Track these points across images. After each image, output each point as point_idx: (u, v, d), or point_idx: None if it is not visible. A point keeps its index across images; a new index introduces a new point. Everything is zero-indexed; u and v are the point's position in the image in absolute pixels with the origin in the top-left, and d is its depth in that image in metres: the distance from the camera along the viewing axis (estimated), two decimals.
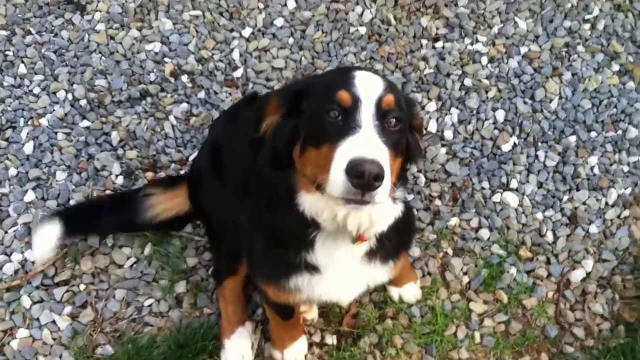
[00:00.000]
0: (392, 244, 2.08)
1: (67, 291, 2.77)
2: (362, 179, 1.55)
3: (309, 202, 1.81)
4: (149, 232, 2.84)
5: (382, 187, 1.59)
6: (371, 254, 2.05)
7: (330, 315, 2.73)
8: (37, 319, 2.72)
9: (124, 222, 2.76)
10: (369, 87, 1.73)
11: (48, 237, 2.60)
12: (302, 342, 2.63)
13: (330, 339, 2.69)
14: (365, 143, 1.63)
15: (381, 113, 1.70)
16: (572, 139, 3.18)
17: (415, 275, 2.78)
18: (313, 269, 2.01)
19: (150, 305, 2.75)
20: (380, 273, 2.14)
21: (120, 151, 3.08)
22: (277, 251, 2.05)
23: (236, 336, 2.60)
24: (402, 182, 1.92)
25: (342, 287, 2.11)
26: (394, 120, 1.74)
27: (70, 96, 3.23)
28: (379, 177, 1.56)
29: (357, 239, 1.91)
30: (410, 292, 2.75)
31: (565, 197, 3.04)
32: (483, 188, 3.06)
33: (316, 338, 2.70)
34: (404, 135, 1.81)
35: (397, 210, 1.91)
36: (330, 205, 1.78)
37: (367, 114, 1.68)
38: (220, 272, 2.67)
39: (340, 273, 2.04)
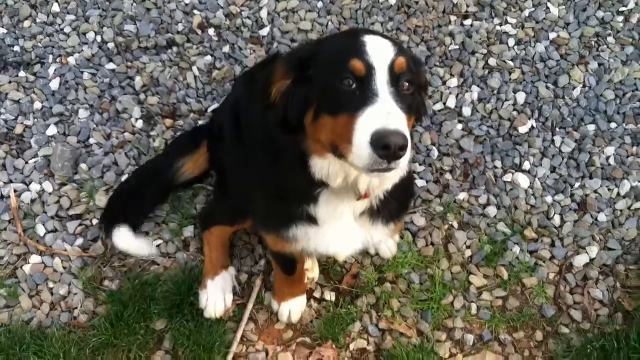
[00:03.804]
0: (396, 205, 2.12)
1: (80, 225, 2.86)
2: (388, 150, 1.57)
3: (320, 165, 1.85)
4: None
5: (406, 154, 1.61)
6: (374, 214, 2.09)
7: (330, 273, 2.79)
8: (50, 247, 2.81)
9: (162, 194, 2.89)
10: (380, 53, 1.72)
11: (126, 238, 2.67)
12: (300, 300, 2.69)
13: (329, 296, 2.75)
14: (386, 113, 1.64)
15: (395, 78, 1.71)
16: (591, 127, 3.18)
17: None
18: (312, 221, 2.06)
19: (158, 246, 2.83)
20: (379, 233, 2.18)
21: (142, 96, 3.15)
22: (279, 203, 2.10)
23: (219, 278, 2.68)
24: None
25: (338, 241, 2.15)
26: (407, 83, 1.75)
27: (99, 38, 3.30)
28: (403, 147, 1.58)
29: (362, 196, 1.95)
30: (387, 246, 2.80)
31: (577, 184, 3.05)
32: (495, 167, 3.08)
33: (316, 294, 2.77)
34: (415, 96, 1.83)
35: (404, 170, 1.93)
36: (344, 168, 1.82)
37: (381, 81, 1.69)
38: (210, 218, 2.74)
39: (337, 228, 2.08)
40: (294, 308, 2.67)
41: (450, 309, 2.74)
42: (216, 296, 2.64)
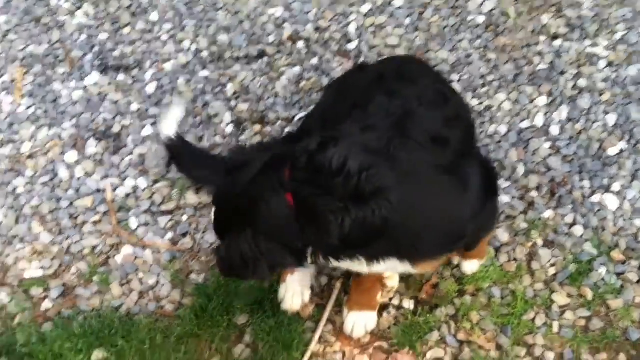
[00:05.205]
0: None
1: (171, 220, 2.99)
2: None
3: None
4: None
5: None
6: None
7: (410, 282, 2.79)
8: (141, 239, 2.96)
9: None
10: None
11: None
12: (369, 315, 2.66)
13: (408, 304, 2.75)
14: None
15: None
16: None
17: (484, 254, 2.76)
18: None
19: None
20: None
21: (233, 102, 3.27)
22: None
23: (298, 273, 2.69)
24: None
25: None
26: None
27: (194, 47, 3.45)
28: None
29: None
30: (470, 266, 2.77)
31: None
32: (583, 187, 3.02)
33: (395, 301, 2.77)
34: None
35: None
36: None
37: None
38: None
39: None
40: (358, 322, 2.64)
41: (532, 326, 2.69)
42: (294, 289, 2.67)
